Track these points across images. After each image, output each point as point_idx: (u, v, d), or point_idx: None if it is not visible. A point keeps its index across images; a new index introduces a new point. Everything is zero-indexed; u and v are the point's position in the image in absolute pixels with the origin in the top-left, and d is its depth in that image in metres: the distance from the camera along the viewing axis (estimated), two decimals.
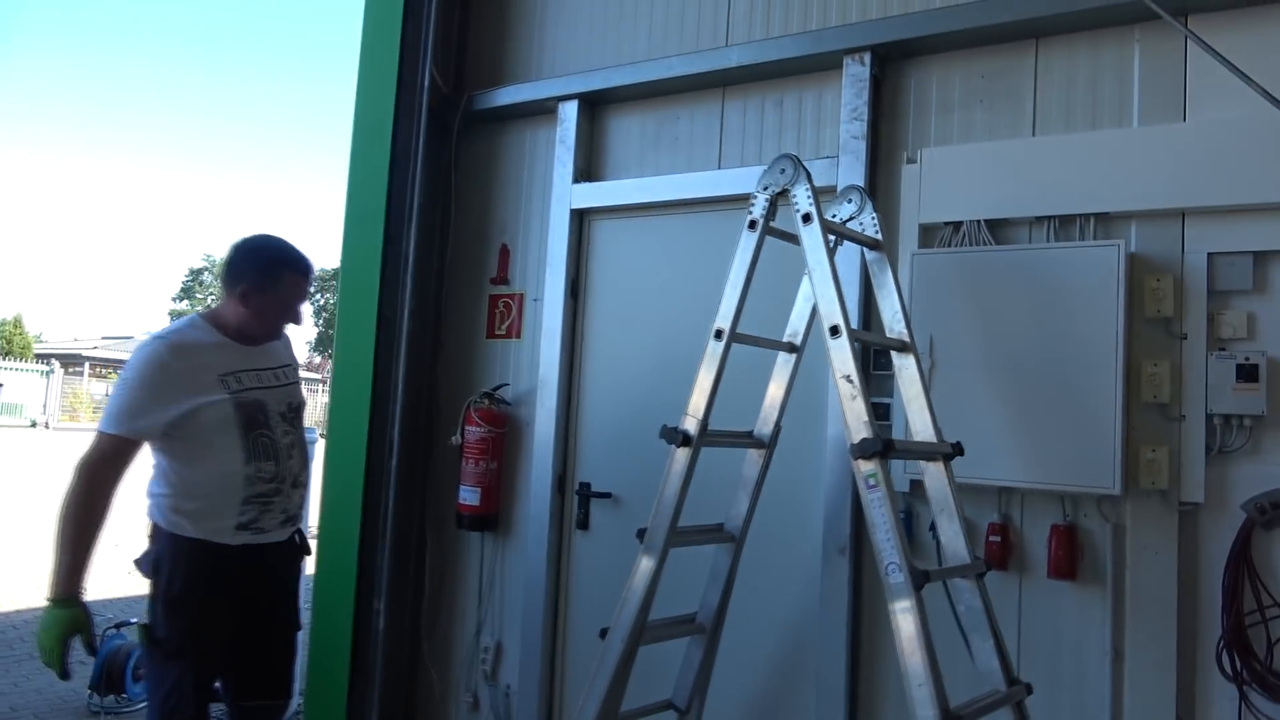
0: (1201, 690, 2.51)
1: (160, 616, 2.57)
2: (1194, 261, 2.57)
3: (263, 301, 2.69)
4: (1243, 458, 2.49)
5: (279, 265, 2.73)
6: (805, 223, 2.37)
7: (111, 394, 2.57)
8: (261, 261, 2.72)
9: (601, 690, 2.54)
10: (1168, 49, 2.66)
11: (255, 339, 2.74)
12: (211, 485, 2.62)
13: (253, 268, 2.70)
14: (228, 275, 2.73)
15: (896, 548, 2.10)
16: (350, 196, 3.87)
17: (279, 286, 2.71)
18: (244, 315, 2.68)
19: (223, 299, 2.75)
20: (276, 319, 2.77)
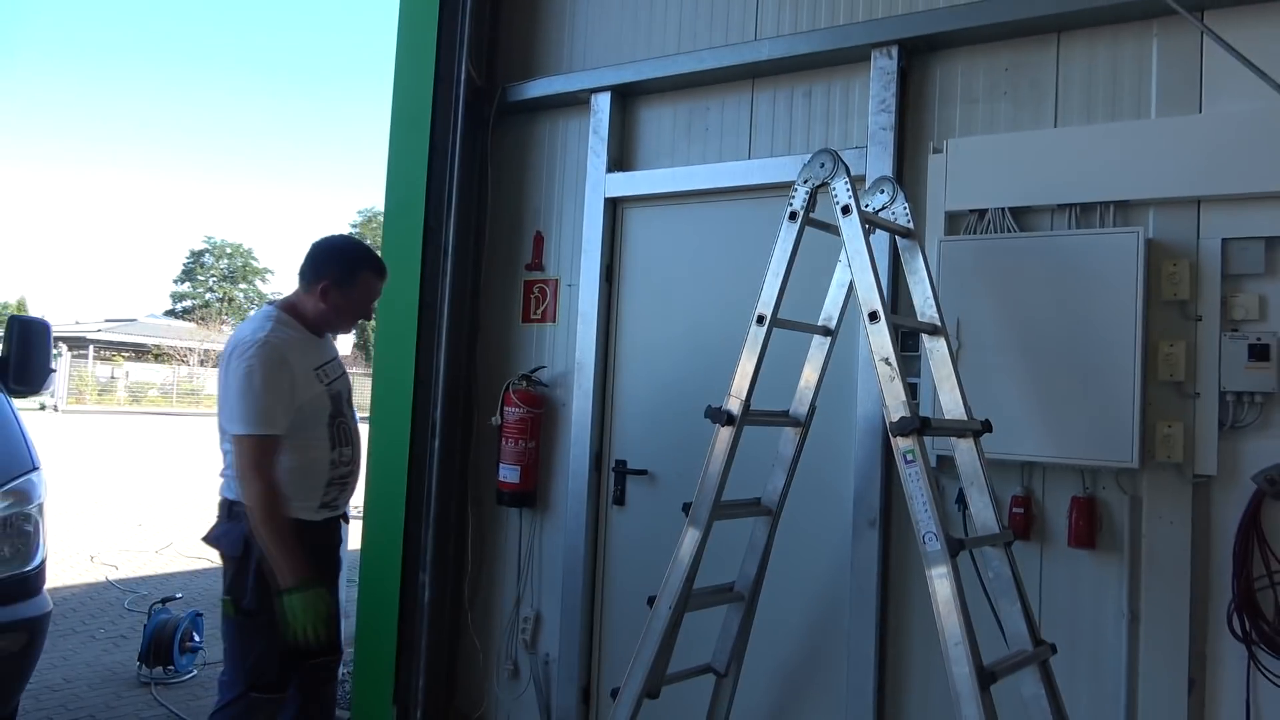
0: (1212, 650, 2.68)
1: (250, 589, 2.74)
2: (1209, 247, 2.70)
3: (341, 298, 2.87)
4: (1254, 432, 2.64)
5: (359, 264, 2.91)
6: (845, 214, 2.51)
7: (237, 396, 2.69)
8: (343, 260, 2.90)
9: (650, 654, 2.71)
10: (1184, 43, 2.78)
11: (327, 332, 2.93)
12: (304, 471, 2.82)
13: (335, 265, 2.88)
14: (310, 271, 2.89)
15: (933, 518, 2.26)
16: (390, 187, 4.01)
17: (356, 285, 2.90)
18: (323, 310, 2.87)
19: (299, 292, 2.92)
20: (352, 315, 2.96)
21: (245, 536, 2.75)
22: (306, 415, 2.81)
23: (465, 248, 4.03)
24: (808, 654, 3.32)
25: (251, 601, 2.74)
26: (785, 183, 3.10)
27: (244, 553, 2.76)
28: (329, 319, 2.90)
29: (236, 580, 2.78)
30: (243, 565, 2.77)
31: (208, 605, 6.17)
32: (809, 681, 3.31)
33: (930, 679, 3.04)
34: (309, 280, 2.89)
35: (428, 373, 3.91)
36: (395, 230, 3.98)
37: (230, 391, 2.72)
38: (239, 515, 2.77)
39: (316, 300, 2.87)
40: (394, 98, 4.02)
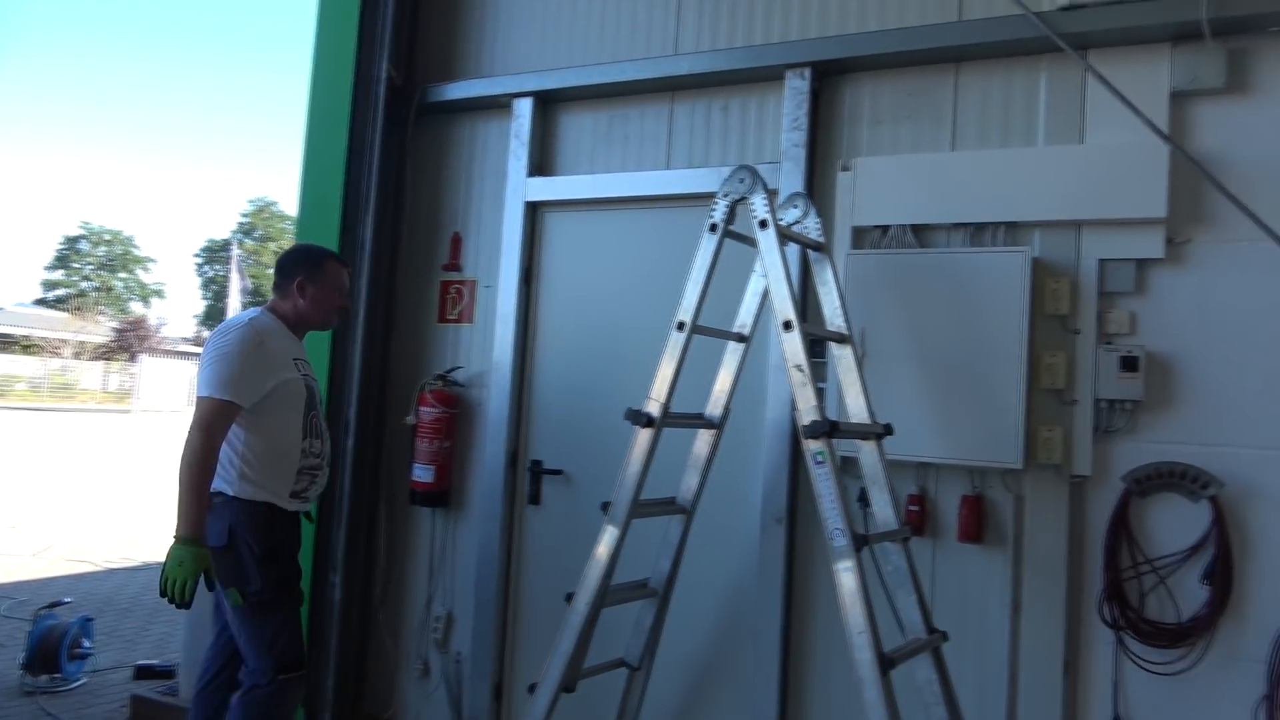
0: (1085, 636, 2.93)
1: (253, 573, 2.83)
2: (1087, 267, 2.96)
3: (315, 289, 3.07)
4: (1124, 436, 2.90)
5: (322, 256, 3.16)
6: (762, 228, 2.65)
7: (209, 364, 2.84)
8: (308, 256, 3.15)
9: (568, 648, 2.79)
10: (1069, 78, 3.03)
11: (309, 328, 3.12)
12: (278, 454, 2.94)
13: (302, 262, 3.11)
14: (282, 276, 3.10)
15: (841, 515, 2.41)
16: (305, 184, 3.97)
17: (325, 274, 3.11)
18: (302, 306, 3.06)
19: (276, 300, 3.09)
20: (329, 304, 3.13)
21: (230, 526, 2.83)
22: (283, 398, 2.94)
23: (382, 247, 4.02)
24: (717, 646, 3.46)
25: (257, 585, 2.83)
26: (703, 193, 3.23)
27: (229, 542, 2.82)
28: (309, 313, 3.08)
29: (234, 569, 2.83)
30: (232, 554, 2.83)
31: (97, 608, 5.94)
32: (718, 672, 3.45)
33: (831, 667, 3.22)
34: (283, 283, 3.07)
35: (342, 371, 3.89)
36: (311, 228, 3.93)
37: (203, 363, 2.86)
38: (217, 506, 2.84)
39: (295, 299, 3.05)
40: (311, 93, 3.98)
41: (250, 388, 2.85)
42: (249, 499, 2.87)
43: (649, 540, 3.10)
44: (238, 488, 2.87)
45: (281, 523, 2.94)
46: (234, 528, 2.84)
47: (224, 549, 2.83)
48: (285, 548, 2.96)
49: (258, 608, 2.86)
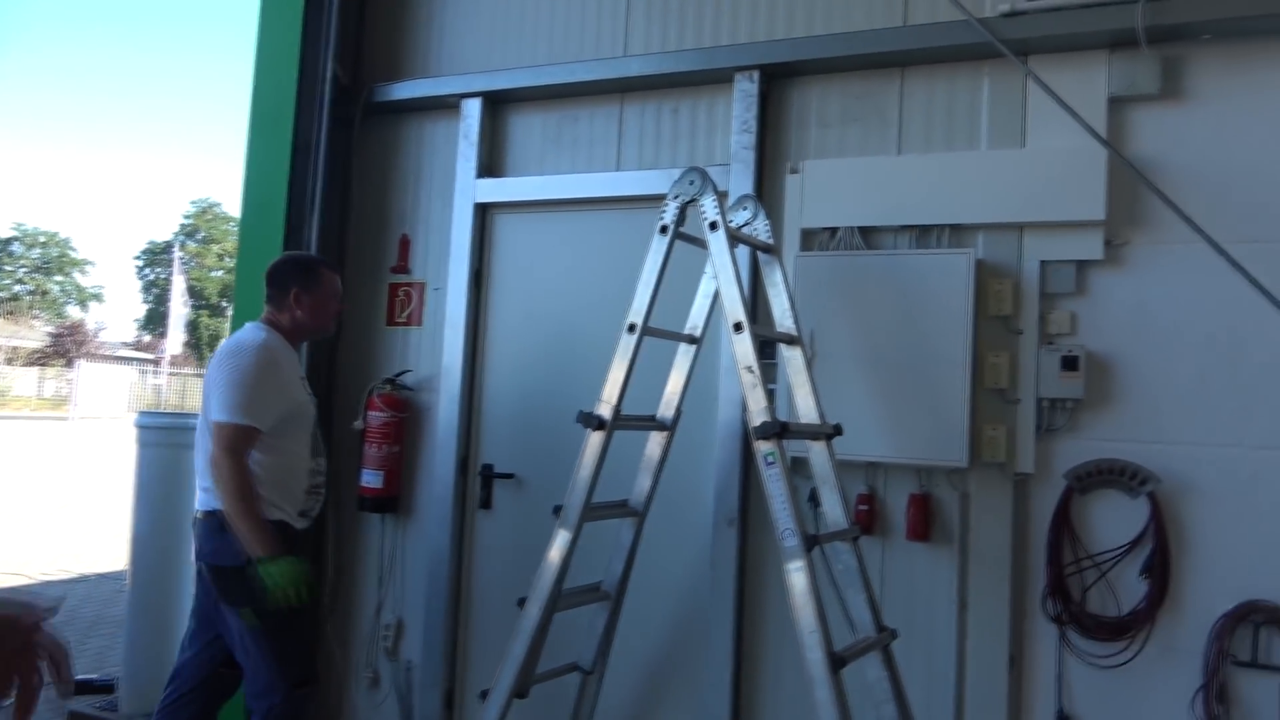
0: (1029, 631, 2.99)
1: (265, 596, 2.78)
2: (1029, 268, 3.02)
3: (311, 299, 3.06)
4: (1065, 435, 2.97)
5: (315, 264, 3.16)
6: (712, 230, 2.65)
7: (226, 387, 2.83)
8: (300, 265, 3.14)
9: (520, 653, 2.77)
10: (1011, 84, 3.09)
11: (306, 338, 3.13)
12: (288, 473, 2.99)
13: (295, 272, 3.09)
14: (275, 287, 3.07)
15: (791, 516, 2.43)
16: (248, 185, 3.89)
17: (321, 282, 3.10)
18: (299, 317, 3.05)
19: (271, 312, 3.07)
20: (325, 313, 3.13)
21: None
22: (294, 419, 2.99)
23: (328, 249, 3.95)
24: (670, 648, 3.46)
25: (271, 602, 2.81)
26: (653, 195, 3.23)
27: (246, 561, 2.78)
28: (306, 323, 3.07)
29: (246, 588, 2.79)
30: (248, 573, 2.79)
31: None
32: (671, 674, 3.45)
33: (783, 667, 3.23)
34: (278, 295, 3.06)
35: None
36: (254, 229, 3.86)
37: (219, 385, 2.84)
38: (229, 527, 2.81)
39: (291, 309, 3.04)
40: (254, 92, 3.90)
41: (268, 411, 2.88)
42: (267, 519, 2.86)
43: (601, 543, 3.09)
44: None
45: (293, 542, 2.96)
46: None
47: (239, 569, 2.80)
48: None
49: (272, 629, 2.85)
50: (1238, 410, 2.80)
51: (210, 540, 2.89)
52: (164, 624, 4.31)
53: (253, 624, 2.84)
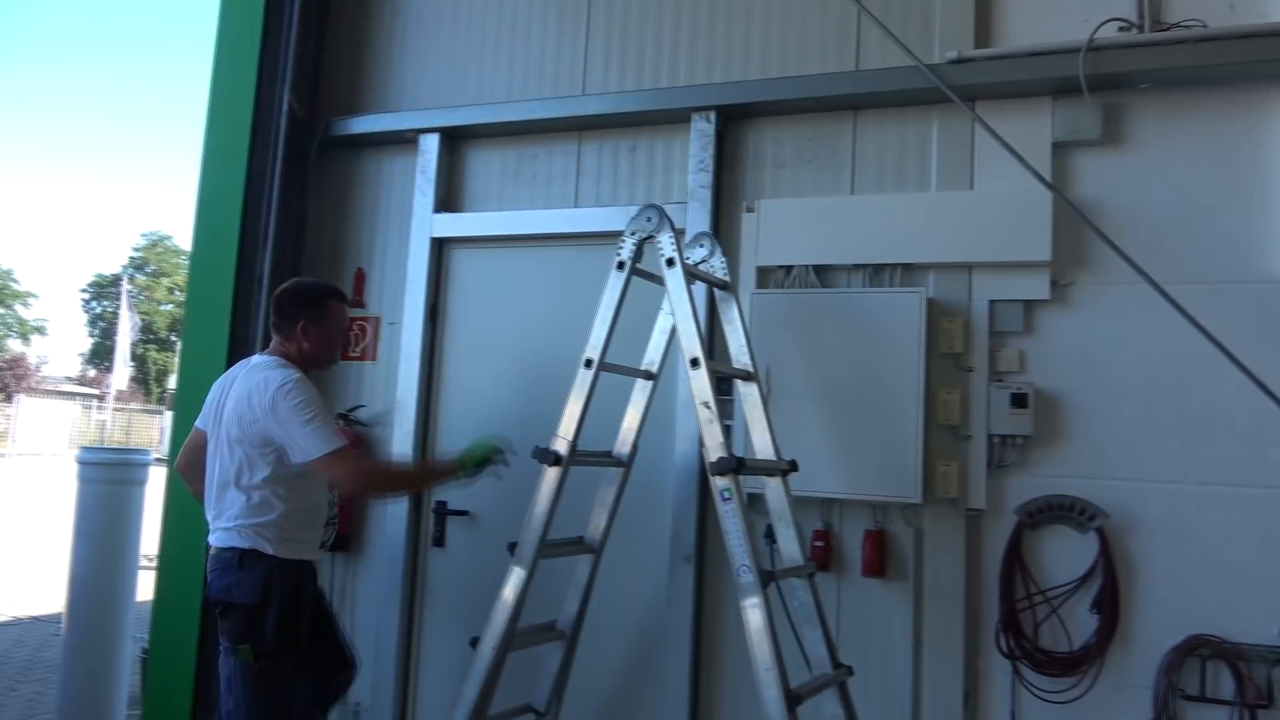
0: (983, 667, 3.00)
1: (272, 632, 2.75)
2: (979, 307, 3.08)
3: (319, 331, 2.96)
4: (1015, 470, 3.01)
5: (323, 295, 3.04)
6: (669, 266, 2.67)
7: (304, 422, 2.73)
8: (309, 296, 3.01)
9: (473, 695, 2.71)
10: (960, 128, 3.18)
11: (314, 368, 3.00)
12: (312, 510, 2.94)
13: (303, 303, 2.97)
14: (282, 318, 2.96)
15: (748, 552, 2.42)
16: (200, 217, 3.83)
17: (329, 313, 3.01)
18: (306, 349, 2.94)
19: (278, 342, 2.97)
20: (333, 344, 3.07)
21: (264, 583, 2.76)
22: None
23: (281, 283, 3.87)
24: (626, 687, 3.41)
25: (273, 646, 2.75)
26: (611, 231, 3.25)
27: (262, 599, 2.75)
28: (315, 354, 2.98)
29: (253, 627, 2.75)
30: (259, 612, 2.75)
31: None
32: (627, 714, 3.40)
33: (740, 705, 3.21)
34: (286, 326, 2.95)
35: None
36: (206, 262, 3.81)
37: (289, 424, 2.73)
38: (250, 563, 2.77)
39: (299, 341, 2.94)
40: (208, 123, 3.86)
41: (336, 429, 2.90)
42: (286, 558, 2.82)
43: (557, 581, 3.06)
44: (276, 548, 2.80)
45: (310, 579, 2.93)
46: (269, 585, 2.77)
47: (254, 605, 2.75)
48: (306, 610, 2.89)
49: (266, 670, 2.77)
50: (1182, 447, 2.86)
51: (224, 577, 2.82)
52: (101, 669, 4.16)
53: (247, 659, 2.76)
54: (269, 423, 2.74)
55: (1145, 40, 2.96)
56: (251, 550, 2.78)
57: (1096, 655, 2.86)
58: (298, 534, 2.86)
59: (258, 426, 2.76)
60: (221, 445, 2.86)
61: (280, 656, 2.77)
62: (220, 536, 2.85)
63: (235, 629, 2.78)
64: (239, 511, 2.80)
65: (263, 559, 2.78)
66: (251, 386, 2.81)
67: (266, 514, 2.79)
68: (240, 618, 2.77)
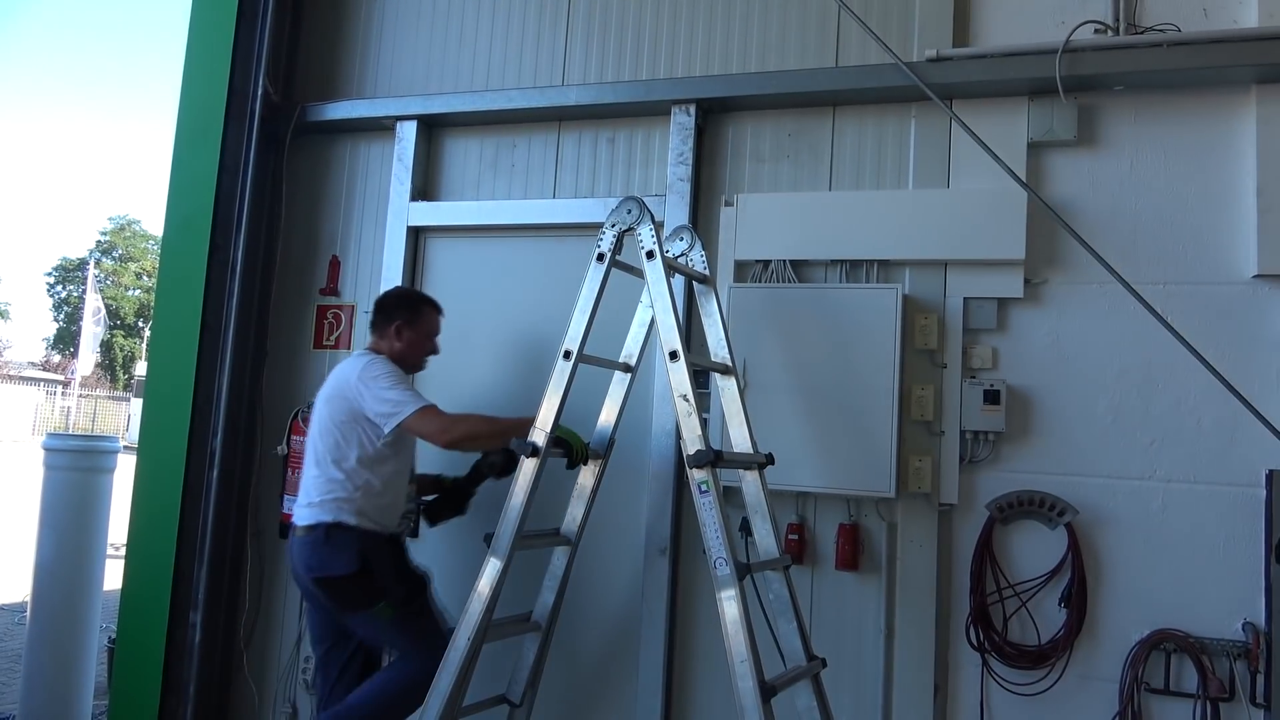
0: (953, 659, 3.04)
1: (392, 586, 2.95)
2: (953, 304, 3.11)
3: (412, 333, 3.18)
4: (987, 466, 3.05)
5: (420, 303, 3.26)
6: (649, 259, 2.67)
7: (387, 388, 2.95)
8: (408, 302, 3.26)
9: (448, 686, 2.70)
10: (937, 126, 3.20)
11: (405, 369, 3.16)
12: (396, 489, 3.09)
13: (402, 307, 3.21)
14: (381, 318, 3.19)
15: (724, 545, 2.43)
16: (172, 200, 3.78)
17: (422, 318, 3.22)
18: (397, 348, 3.15)
19: (375, 340, 3.20)
20: (423, 348, 3.24)
21: (359, 551, 2.91)
22: (403, 442, 3.07)
23: (254, 268, 3.85)
24: (600, 679, 3.42)
25: (400, 590, 2.95)
26: (589, 223, 3.25)
27: (361, 566, 2.91)
28: (405, 354, 3.16)
29: (368, 590, 2.92)
30: (366, 576, 2.92)
31: None
32: (601, 705, 3.41)
33: (714, 696, 3.23)
34: (382, 324, 3.19)
35: (207, 398, 3.70)
36: (177, 247, 3.76)
37: (376, 398, 2.93)
38: (339, 536, 2.92)
39: (392, 341, 3.15)
40: (181, 106, 3.80)
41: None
42: (369, 529, 2.97)
43: (532, 573, 3.06)
44: (359, 520, 2.95)
45: (396, 545, 3.10)
46: (363, 553, 2.92)
47: (357, 574, 2.90)
48: (405, 563, 3.10)
49: (407, 614, 2.96)
50: (1149, 444, 2.92)
51: (317, 554, 2.94)
52: (67, 658, 4.10)
53: (388, 614, 2.93)
54: (358, 399, 2.96)
55: (1120, 43, 3.00)
56: (336, 523, 2.93)
57: (1064, 648, 2.91)
58: (376, 513, 2.99)
59: (347, 406, 2.97)
60: (314, 431, 3.07)
61: (414, 599, 2.99)
62: (305, 514, 2.99)
63: (354, 597, 2.94)
64: (325, 489, 2.97)
65: (348, 530, 2.93)
66: (343, 374, 3.06)
67: (351, 492, 2.96)
68: (350, 588, 2.93)
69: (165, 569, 3.61)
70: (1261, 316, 2.87)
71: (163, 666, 3.59)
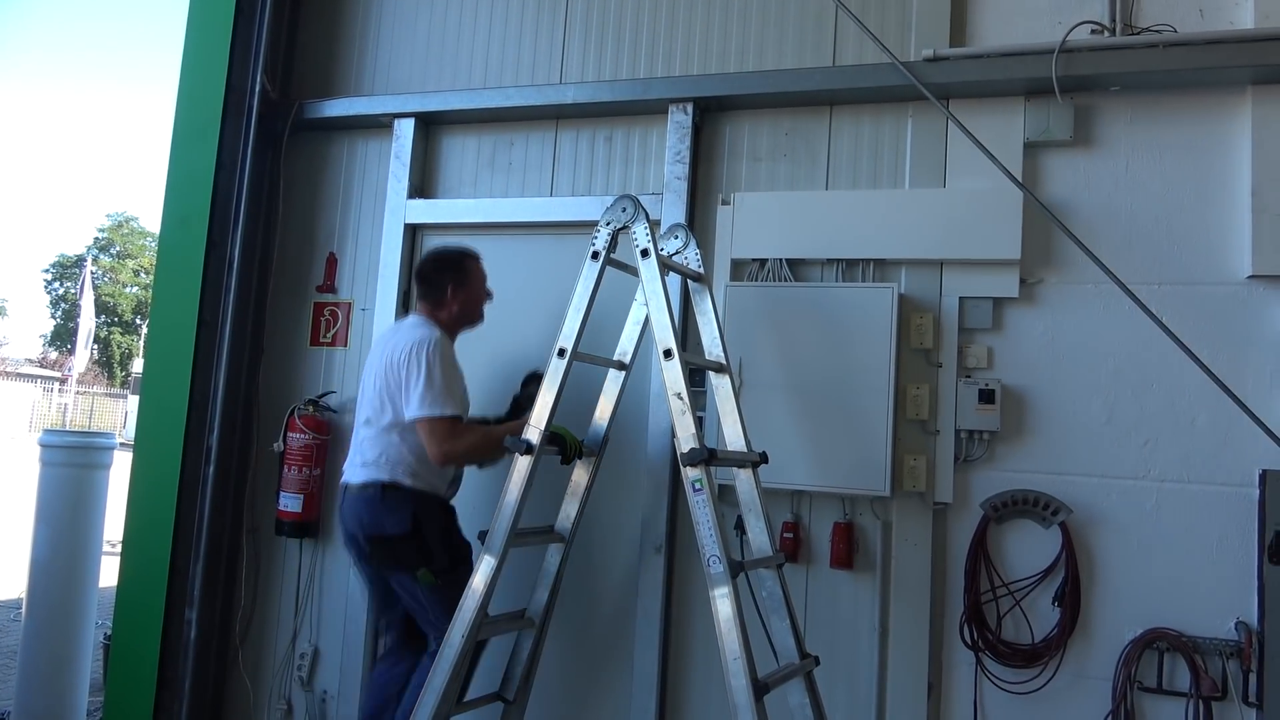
0: (947, 658, 3.05)
1: (438, 552, 2.97)
2: (949, 304, 3.11)
3: (464, 292, 3.16)
4: (982, 465, 3.06)
5: (463, 258, 3.22)
6: (644, 257, 2.68)
7: (424, 384, 2.92)
8: (451, 261, 3.20)
9: (442, 683, 2.71)
10: (934, 126, 3.21)
11: (460, 330, 3.20)
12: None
13: (448, 268, 3.17)
14: (429, 284, 3.17)
15: (717, 542, 2.44)
16: (170, 196, 3.78)
17: (470, 275, 3.20)
18: (455, 311, 3.15)
19: (426, 307, 3.16)
20: (477, 304, 3.23)
21: (413, 513, 2.95)
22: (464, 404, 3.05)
23: (251, 265, 3.85)
24: (595, 676, 3.42)
25: (444, 561, 2.97)
26: (586, 221, 3.25)
27: (414, 527, 2.94)
28: (464, 314, 3.18)
29: (418, 552, 2.95)
30: (417, 538, 2.95)
31: None
32: (595, 703, 3.41)
33: (708, 694, 3.23)
34: (434, 291, 3.16)
35: (204, 394, 3.70)
36: (174, 244, 3.76)
37: (415, 382, 2.93)
38: (393, 496, 2.96)
39: (450, 306, 3.14)
40: (178, 102, 3.81)
41: (460, 399, 3.01)
42: (423, 490, 3.00)
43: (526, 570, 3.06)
44: (413, 481, 2.99)
45: (447, 509, 3.11)
46: (416, 514, 2.96)
47: (408, 535, 2.94)
48: (455, 530, 3.10)
49: (447, 583, 2.95)
50: (1144, 444, 2.92)
51: (371, 511, 2.98)
52: (62, 655, 4.10)
53: (429, 581, 2.95)
54: (402, 373, 2.96)
55: (1117, 43, 3.01)
56: (391, 483, 2.97)
57: (1057, 647, 2.92)
58: (429, 475, 3.02)
59: (396, 375, 2.99)
60: (368, 391, 3.10)
61: (455, 569, 2.97)
62: (360, 473, 3.03)
63: (402, 557, 2.97)
64: (381, 450, 3.00)
65: (403, 491, 2.97)
66: (399, 341, 3.04)
67: (404, 453, 2.98)
68: (400, 548, 2.97)
69: (161, 566, 3.61)
70: (1256, 317, 2.87)
71: (158, 663, 3.59)
